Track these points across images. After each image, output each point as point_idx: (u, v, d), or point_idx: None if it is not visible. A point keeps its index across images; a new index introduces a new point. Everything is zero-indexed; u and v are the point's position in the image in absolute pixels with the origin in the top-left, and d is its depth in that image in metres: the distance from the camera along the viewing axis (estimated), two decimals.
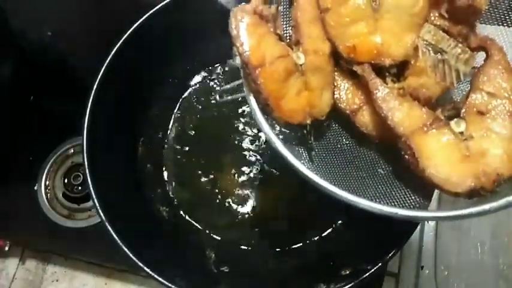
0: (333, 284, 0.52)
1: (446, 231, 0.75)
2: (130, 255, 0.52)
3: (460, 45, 0.39)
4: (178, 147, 0.70)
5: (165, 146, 0.70)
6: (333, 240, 0.62)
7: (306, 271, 0.60)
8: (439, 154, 0.37)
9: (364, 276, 0.51)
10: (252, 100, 0.40)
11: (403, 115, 0.38)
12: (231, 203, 0.66)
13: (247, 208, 0.66)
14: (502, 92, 0.38)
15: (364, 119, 0.42)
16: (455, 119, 0.38)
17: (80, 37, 0.81)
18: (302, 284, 0.59)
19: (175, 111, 0.71)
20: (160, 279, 0.51)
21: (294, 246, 0.63)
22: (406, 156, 0.38)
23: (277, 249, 0.63)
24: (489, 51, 0.40)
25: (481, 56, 0.40)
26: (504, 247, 0.75)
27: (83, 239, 0.67)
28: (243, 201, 0.66)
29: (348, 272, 0.54)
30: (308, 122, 0.40)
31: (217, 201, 0.66)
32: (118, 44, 0.61)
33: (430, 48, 0.40)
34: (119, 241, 0.53)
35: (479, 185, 0.36)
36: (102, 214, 0.54)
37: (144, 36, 0.62)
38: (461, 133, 0.38)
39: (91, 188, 0.55)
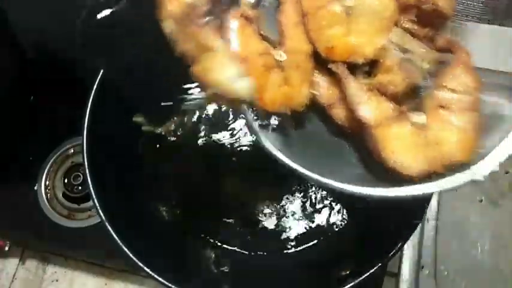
0: (333, 284, 0.52)
1: (447, 231, 0.75)
2: (130, 255, 0.52)
3: (425, 46, 0.43)
4: (178, 147, 0.69)
5: (165, 146, 0.70)
6: (333, 241, 0.62)
7: (306, 271, 0.60)
8: (400, 144, 0.41)
9: (364, 276, 0.51)
10: None
11: (370, 108, 0.42)
12: (231, 203, 0.66)
13: (247, 208, 0.66)
14: (461, 88, 0.43)
15: (339, 112, 0.46)
16: (416, 112, 0.43)
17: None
18: (302, 284, 0.59)
19: (175, 111, 0.71)
20: (160, 279, 0.51)
21: (294, 247, 0.63)
22: (371, 145, 0.42)
23: (278, 250, 0.63)
24: (454, 52, 0.44)
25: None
26: (504, 247, 0.75)
27: (83, 239, 0.67)
28: (243, 201, 0.66)
29: (348, 272, 0.54)
30: (287, 112, 0.44)
31: (217, 201, 0.66)
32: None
33: (397, 49, 0.43)
34: (118, 241, 0.53)
35: (433, 170, 0.40)
36: (102, 214, 0.54)
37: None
38: (422, 125, 0.42)
39: (91, 188, 0.55)
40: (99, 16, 0.51)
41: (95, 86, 0.59)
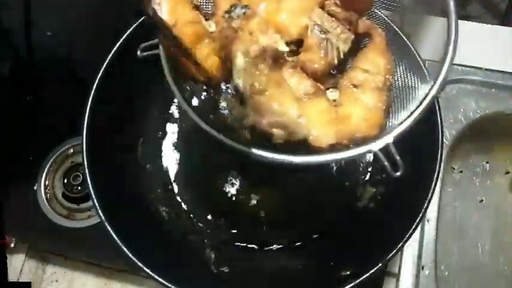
0: (333, 284, 0.52)
1: (447, 231, 0.75)
2: (130, 255, 0.52)
3: (341, 26, 0.46)
4: (178, 147, 0.69)
5: (165, 146, 0.70)
6: (333, 241, 0.62)
7: (306, 272, 0.60)
8: (313, 117, 0.44)
9: (364, 276, 0.51)
10: (163, 57, 0.47)
11: (292, 85, 0.45)
12: (231, 203, 0.66)
13: (247, 208, 0.66)
14: (374, 69, 0.46)
15: None
16: (331, 89, 0.47)
17: (79, 37, 0.81)
18: (302, 284, 0.59)
19: (175, 110, 0.71)
20: (160, 279, 0.51)
21: (294, 247, 0.63)
22: None
23: (277, 250, 0.63)
24: (372, 35, 0.48)
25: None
26: (504, 247, 0.75)
27: (83, 239, 0.67)
28: (243, 201, 0.66)
29: (348, 273, 0.54)
30: (214, 82, 0.46)
31: (218, 201, 0.66)
32: (117, 45, 0.61)
33: (318, 28, 0.46)
34: (118, 241, 0.53)
35: (339, 142, 0.43)
36: (102, 214, 0.54)
37: (144, 36, 0.62)
38: (334, 101, 0.46)
39: (91, 188, 0.55)
40: None
41: (94, 86, 0.59)
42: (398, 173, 0.42)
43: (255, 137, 0.46)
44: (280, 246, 0.63)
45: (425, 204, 0.53)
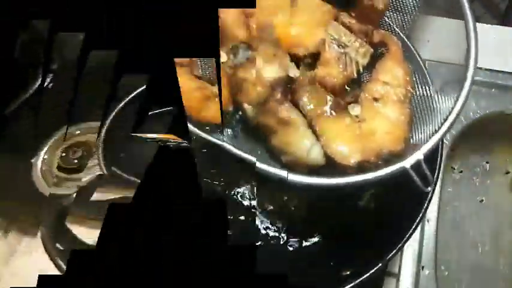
0: (333, 284, 0.52)
1: (447, 232, 0.75)
2: None
3: (359, 39, 0.46)
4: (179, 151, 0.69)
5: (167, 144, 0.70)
6: (333, 241, 0.62)
7: (306, 272, 0.60)
8: (337, 134, 0.43)
9: (364, 276, 0.51)
10: None
11: (311, 100, 0.44)
12: (231, 202, 0.66)
13: (246, 208, 0.66)
14: (394, 81, 0.45)
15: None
16: (352, 104, 0.45)
17: None
18: (302, 284, 0.59)
19: None
20: None
21: (294, 247, 0.63)
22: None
23: (277, 250, 0.63)
24: (388, 45, 0.47)
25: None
26: (504, 247, 0.75)
27: None
28: (243, 201, 0.66)
29: (348, 273, 0.54)
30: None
31: (219, 199, 0.66)
32: None
33: (335, 42, 0.45)
34: None
35: (366, 159, 0.42)
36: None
37: None
38: (357, 116, 0.44)
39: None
40: None
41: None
42: (429, 188, 0.41)
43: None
44: (280, 246, 0.63)
45: (425, 204, 0.53)
